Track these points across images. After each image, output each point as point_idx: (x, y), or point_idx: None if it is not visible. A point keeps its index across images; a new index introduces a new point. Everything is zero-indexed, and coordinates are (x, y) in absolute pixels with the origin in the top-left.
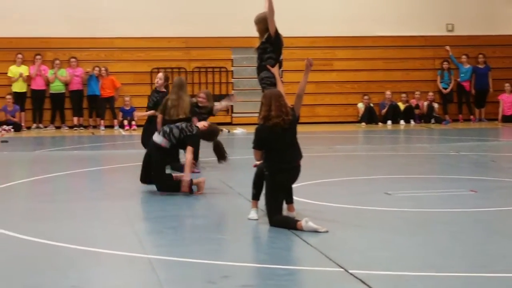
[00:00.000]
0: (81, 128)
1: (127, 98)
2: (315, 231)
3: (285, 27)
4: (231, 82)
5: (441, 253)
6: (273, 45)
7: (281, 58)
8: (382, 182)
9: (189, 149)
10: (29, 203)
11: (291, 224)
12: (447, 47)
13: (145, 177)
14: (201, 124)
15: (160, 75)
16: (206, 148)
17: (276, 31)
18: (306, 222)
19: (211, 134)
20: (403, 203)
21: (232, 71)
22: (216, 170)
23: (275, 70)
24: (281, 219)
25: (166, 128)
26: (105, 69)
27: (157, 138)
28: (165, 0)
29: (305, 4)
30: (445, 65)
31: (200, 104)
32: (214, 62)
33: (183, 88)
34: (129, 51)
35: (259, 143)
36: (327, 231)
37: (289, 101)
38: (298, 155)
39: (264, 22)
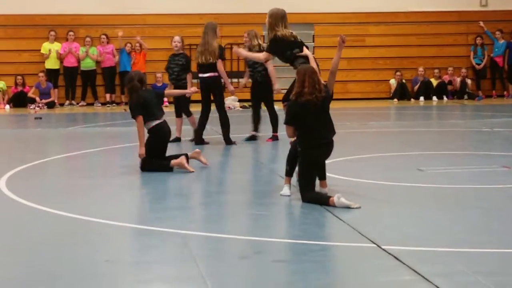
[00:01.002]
0: (114, 104)
1: (159, 75)
2: (348, 207)
3: (317, 2)
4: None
5: (474, 229)
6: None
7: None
8: (414, 158)
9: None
10: (63, 179)
11: (323, 200)
12: (481, 23)
13: None
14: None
15: (177, 38)
16: (237, 125)
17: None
18: (338, 198)
19: None
20: (435, 179)
21: (263, 47)
22: (248, 146)
23: (305, 51)
24: (313, 196)
25: None
26: (139, 45)
27: None
28: None
29: None
30: (479, 40)
31: (245, 44)
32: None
33: (210, 32)
34: (161, 28)
35: (291, 119)
36: (359, 207)
37: (322, 78)
38: (331, 131)
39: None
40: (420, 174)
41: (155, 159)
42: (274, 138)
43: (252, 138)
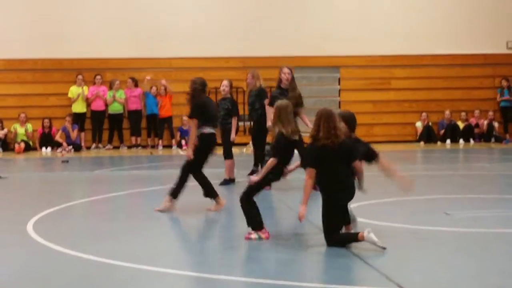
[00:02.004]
0: (139, 147)
1: (185, 118)
2: (374, 244)
3: (342, 46)
4: None
5: (503, 274)
6: None
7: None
8: (441, 202)
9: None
10: (89, 222)
11: (351, 238)
12: None
13: None
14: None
15: (225, 82)
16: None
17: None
18: (368, 233)
19: None
20: (462, 223)
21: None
22: (276, 189)
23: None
24: (339, 238)
25: None
26: (164, 88)
27: None
28: (222, 20)
29: (362, 23)
30: (504, 82)
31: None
32: (273, 81)
33: None
34: (186, 71)
35: (311, 162)
36: (384, 248)
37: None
38: (351, 174)
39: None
40: (446, 218)
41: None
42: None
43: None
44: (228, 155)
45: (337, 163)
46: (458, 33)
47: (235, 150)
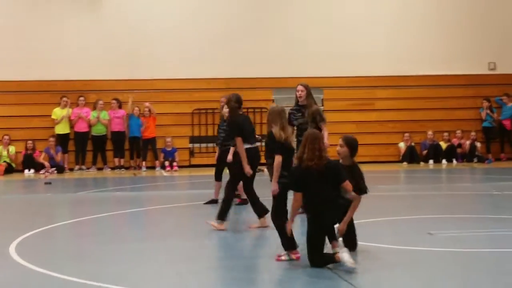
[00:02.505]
0: (123, 169)
1: (168, 139)
2: (344, 264)
3: (325, 67)
4: None
5: None
6: None
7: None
8: (424, 222)
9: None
10: (73, 245)
11: (331, 259)
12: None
13: None
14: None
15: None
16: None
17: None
18: (342, 253)
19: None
20: (446, 243)
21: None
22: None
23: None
24: (322, 259)
25: None
26: (148, 110)
27: None
28: (205, 41)
29: (345, 44)
30: (486, 103)
31: (222, 106)
32: (255, 102)
33: None
34: (170, 93)
35: (294, 184)
36: (354, 269)
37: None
38: (337, 195)
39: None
40: (430, 238)
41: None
42: (243, 200)
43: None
44: (218, 177)
45: (322, 184)
46: (440, 54)
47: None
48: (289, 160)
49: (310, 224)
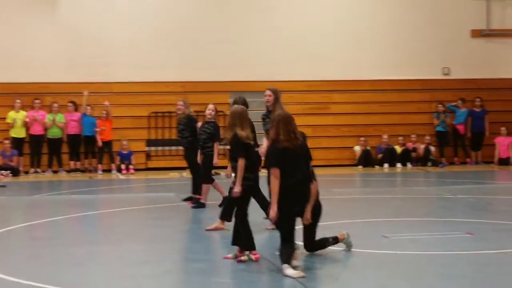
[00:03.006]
0: (78, 172)
1: (125, 142)
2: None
3: (281, 71)
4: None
5: None
6: None
7: None
8: (379, 224)
9: None
10: (28, 248)
11: (292, 252)
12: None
13: None
14: None
15: (211, 106)
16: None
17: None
18: (285, 269)
19: None
20: (400, 246)
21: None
22: (214, 212)
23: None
24: (291, 249)
25: None
26: (105, 112)
27: None
28: (162, 45)
29: (301, 48)
30: (440, 108)
31: (178, 112)
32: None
33: None
34: (127, 96)
35: (275, 161)
36: (303, 277)
37: None
38: (309, 177)
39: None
40: (384, 240)
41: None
42: (200, 202)
43: (189, 199)
44: (206, 179)
45: (297, 163)
46: (396, 59)
47: (175, 174)
48: (252, 161)
49: (282, 194)
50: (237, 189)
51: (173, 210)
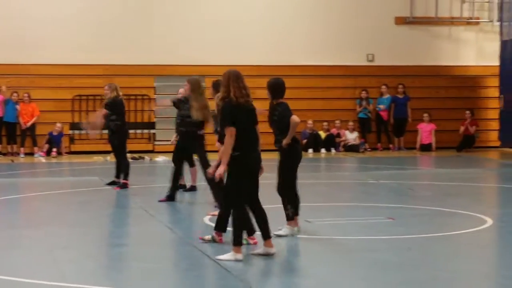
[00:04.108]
0: (0, 155)
1: (59, 125)
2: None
3: (207, 55)
4: (153, 110)
5: (363, 280)
6: None
7: None
8: (302, 209)
9: None
10: None
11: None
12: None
13: None
14: None
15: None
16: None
17: None
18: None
19: None
20: (323, 231)
21: (154, 98)
22: (138, 197)
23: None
24: (242, 217)
25: None
26: (27, 95)
27: None
28: (86, 27)
29: (227, 32)
30: (364, 94)
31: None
32: (137, 89)
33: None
34: (50, 78)
35: (229, 119)
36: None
37: None
38: (258, 140)
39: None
40: (307, 225)
41: None
42: (123, 185)
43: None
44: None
45: (250, 124)
46: (321, 45)
47: (99, 158)
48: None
49: (234, 166)
50: (220, 171)
51: (97, 194)
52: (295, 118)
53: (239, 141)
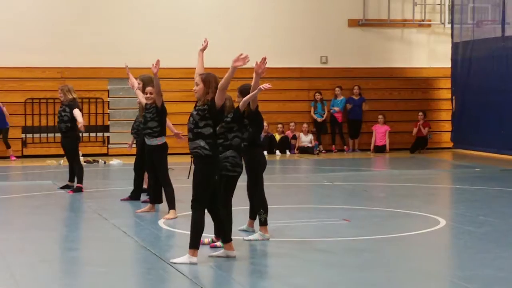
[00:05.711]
0: None
1: None
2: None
3: (162, 57)
4: (107, 113)
5: (321, 283)
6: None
7: None
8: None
9: None
10: None
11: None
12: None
13: None
14: None
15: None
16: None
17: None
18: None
19: None
20: (278, 233)
21: (108, 101)
22: (92, 200)
23: None
24: (201, 220)
25: None
26: None
27: None
28: (39, 29)
29: (182, 35)
30: (318, 96)
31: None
32: (91, 92)
33: None
34: (1, 81)
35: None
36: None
37: None
38: None
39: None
40: None
41: None
42: (77, 189)
43: (66, 187)
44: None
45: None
46: (275, 47)
47: (52, 162)
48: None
49: (204, 165)
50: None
51: (50, 198)
52: None
53: (213, 142)
